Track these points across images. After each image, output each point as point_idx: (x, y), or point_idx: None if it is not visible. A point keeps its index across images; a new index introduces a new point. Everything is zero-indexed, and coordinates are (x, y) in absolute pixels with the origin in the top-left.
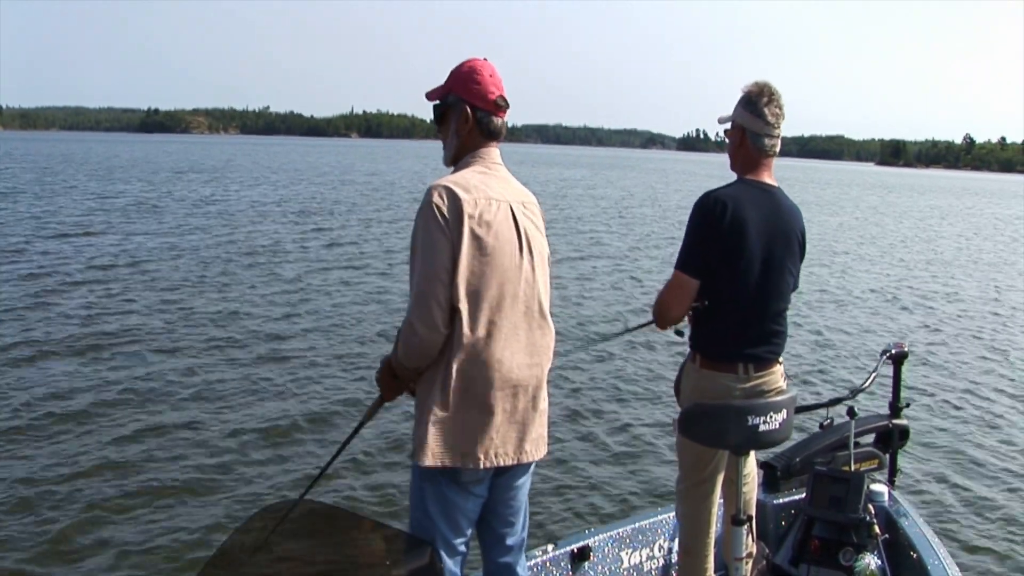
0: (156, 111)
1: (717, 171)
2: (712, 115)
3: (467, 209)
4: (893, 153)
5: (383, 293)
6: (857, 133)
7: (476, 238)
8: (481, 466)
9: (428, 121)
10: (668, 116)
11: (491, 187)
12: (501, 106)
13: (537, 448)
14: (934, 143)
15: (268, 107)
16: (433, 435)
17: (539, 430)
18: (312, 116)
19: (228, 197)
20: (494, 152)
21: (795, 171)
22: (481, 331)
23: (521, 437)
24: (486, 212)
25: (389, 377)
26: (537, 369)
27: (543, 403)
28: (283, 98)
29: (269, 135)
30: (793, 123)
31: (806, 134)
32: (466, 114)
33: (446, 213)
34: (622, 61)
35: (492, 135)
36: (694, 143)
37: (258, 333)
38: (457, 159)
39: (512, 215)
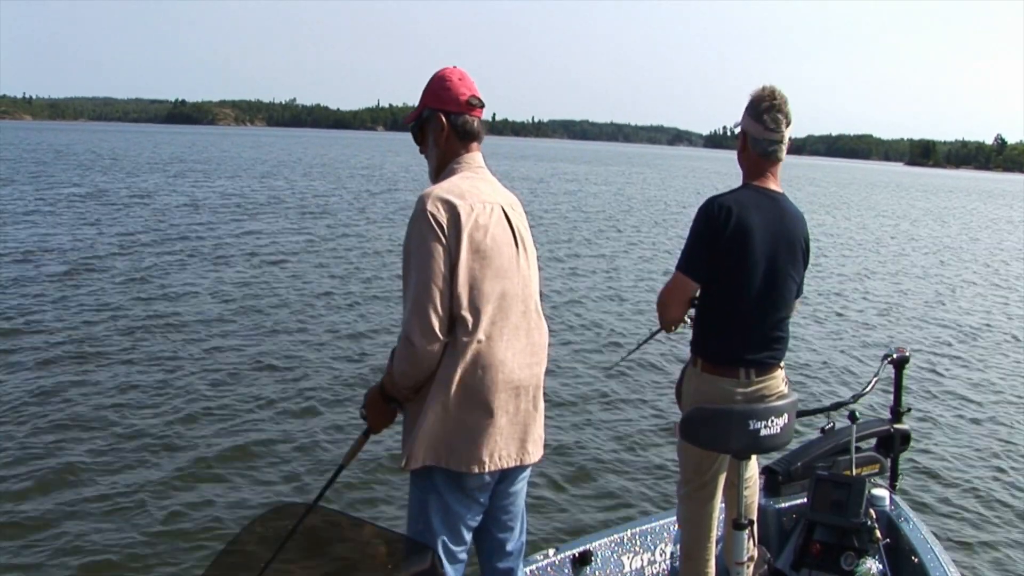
0: (183, 102)
1: (735, 168)
2: (740, 113)
3: (463, 215)
4: (922, 153)
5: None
6: (886, 133)
7: (474, 243)
8: (487, 469)
9: None
10: (695, 113)
11: (482, 191)
12: (475, 105)
13: (537, 448)
14: (964, 143)
15: (295, 99)
16: (435, 440)
17: (539, 430)
18: (338, 109)
19: (177, 189)
20: (476, 156)
21: (815, 170)
22: (483, 334)
23: (523, 438)
24: (481, 216)
25: (382, 403)
26: (537, 368)
27: (541, 403)
28: (310, 91)
29: (295, 127)
30: (821, 122)
31: (834, 133)
32: (441, 122)
33: (442, 221)
34: (650, 57)
35: (469, 136)
36: (721, 140)
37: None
38: (441, 169)
39: (505, 216)
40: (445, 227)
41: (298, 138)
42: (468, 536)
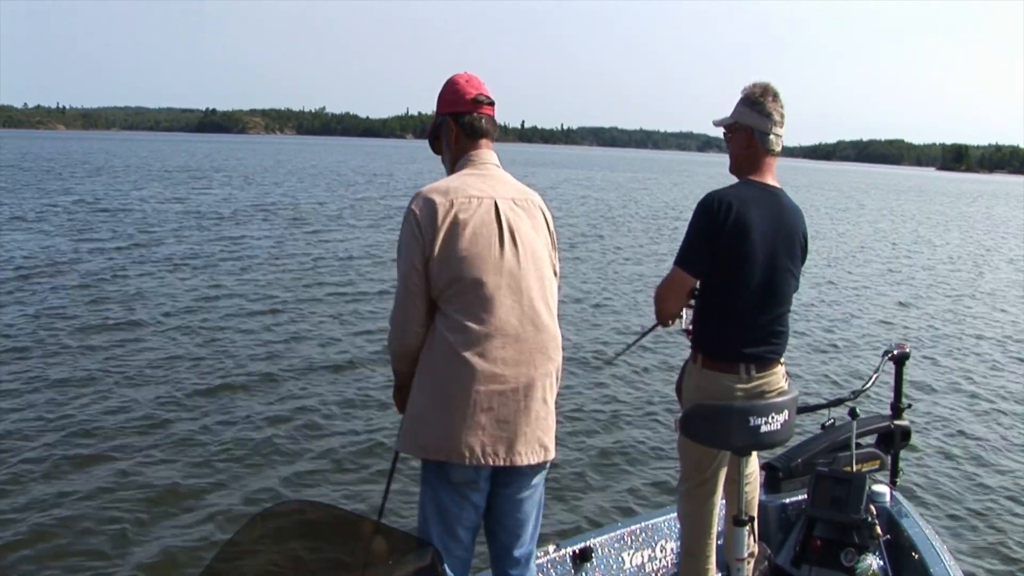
0: (214, 111)
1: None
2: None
3: (440, 211)
4: (954, 158)
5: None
6: (917, 137)
7: (451, 237)
8: (467, 462)
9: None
10: None
11: (472, 186)
12: (481, 102)
13: (531, 450)
14: (998, 148)
15: (324, 108)
16: (417, 428)
17: (535, 433)
18: (368, 117)
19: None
20: (484, 154)
21: (842, 176)
22: (459, 327)
23: (511, 438)
24: (462, 211)
25: (397, 393)
26: (528, 367)
27: (539, 404)
28: (339, 99)
29: (325, 135)
30: (851, 127)
31: (864, 138)
32: (450, 125)
33: (420, 219)
34: (680, 64)
35: (477, 133)
36: None
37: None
38: (452, 169)
39: (496, 211)
40: (422, 224)
41: (309, 147)
42: (464, 536)
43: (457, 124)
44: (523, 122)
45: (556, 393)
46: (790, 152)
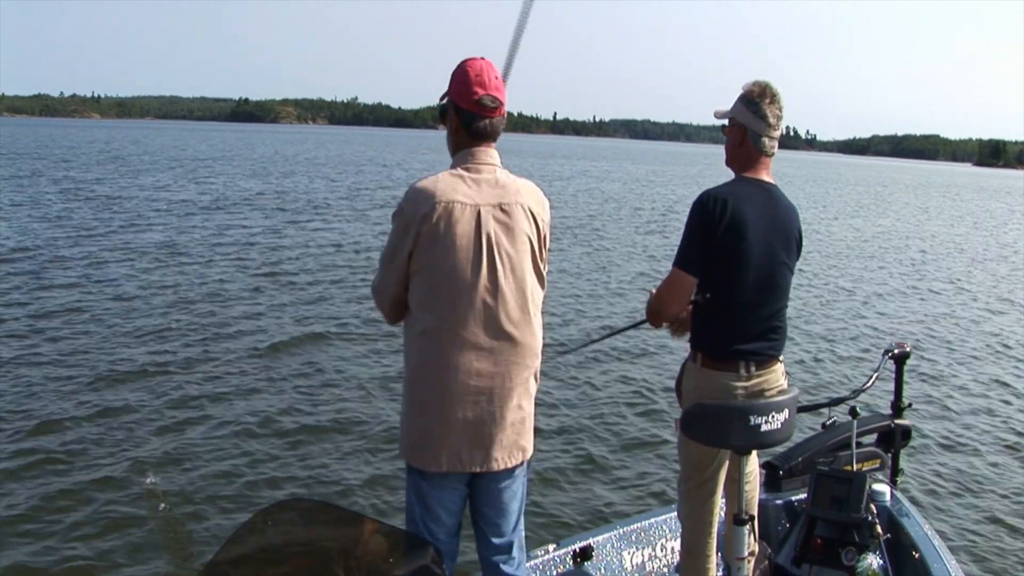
0: (246, 101)
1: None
2: (804, 113)
3: (424, 211)
4: (992, 153)
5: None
6: (953, 133)
7: (431, 242)
8: (444, 469)
9: (515, 114)
10: None
11: (459, 190)
12: (486, 105)
13: (506, 455)
14: None
15: (356, 98)
16: (405, 433)
17: (511, 438)
18: (400, 108)
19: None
20: (484, 153)
21: (872, 171)
22: (435, 334)
23: (488, 445)
24: (445, 215)
25: None
26: (502, 379)
27: (513, 412)
28: (371, 89)
29: (357, 126)
30: (886, 122)
31: (900, 133)
32: (453, 116)
33: (407, 216)
34: (713, 57)
35: (478, 136)
36: (783, 140)
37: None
38: (455, 153)
39: (478, 221)
40: (408, 221)
41: (356, 137)
42: (448, 520)
43: (459, 118)
44: (555, 114)
45: (535, 392)
46: (824, 146)
